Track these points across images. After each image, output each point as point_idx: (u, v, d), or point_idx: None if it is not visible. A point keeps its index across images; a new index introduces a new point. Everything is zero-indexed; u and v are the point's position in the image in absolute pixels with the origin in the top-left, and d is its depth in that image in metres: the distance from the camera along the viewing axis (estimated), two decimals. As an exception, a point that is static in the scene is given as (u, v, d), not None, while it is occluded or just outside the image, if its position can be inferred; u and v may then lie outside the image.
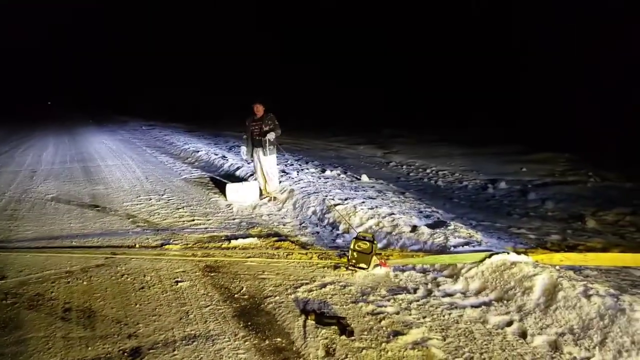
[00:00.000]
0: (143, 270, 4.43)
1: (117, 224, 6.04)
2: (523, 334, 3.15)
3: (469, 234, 4.83)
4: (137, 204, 7.04)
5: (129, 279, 4.23)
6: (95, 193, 7.92)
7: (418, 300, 3.69)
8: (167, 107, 30.99)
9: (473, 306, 3.55)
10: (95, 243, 5.29)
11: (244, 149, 7.50)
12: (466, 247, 4.44)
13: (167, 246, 5.11)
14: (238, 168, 9.39)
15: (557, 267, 3.79)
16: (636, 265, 4.34)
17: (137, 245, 5.16)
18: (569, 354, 2.90)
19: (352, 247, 4.38)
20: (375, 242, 4.44)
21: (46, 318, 3.55)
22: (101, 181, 8.96)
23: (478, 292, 3.77)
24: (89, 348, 3.12)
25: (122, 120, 27.65)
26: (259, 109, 7.14)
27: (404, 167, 10.66)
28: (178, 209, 6.77)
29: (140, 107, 33.56)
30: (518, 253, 4.07)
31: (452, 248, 4.48)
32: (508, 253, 4.01)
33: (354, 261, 4.33)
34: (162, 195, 7.64)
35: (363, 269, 4.26)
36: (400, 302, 3.67)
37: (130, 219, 6.26)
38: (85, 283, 4.17)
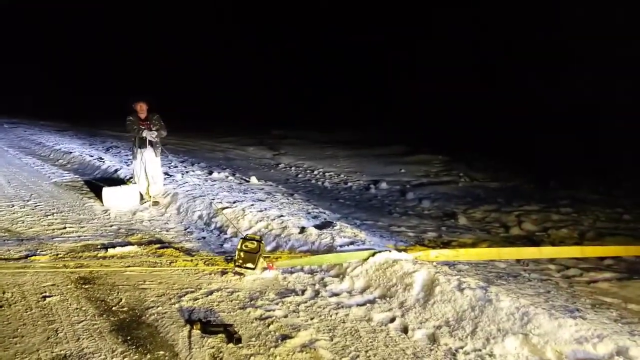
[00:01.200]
0: (2, 286, 3.89)
1: (-32, 236, 5.25)
2: (404, 329, 3.36)
3: (354, 233, 5.07)
4: (-5, 212, 6.20)
5: (-18, 299, 3.69)
6: (-62, 200, 6.79)
7: (306, 302, 3.77)
8: (34, 103, 27.68)
9: (359, 304, 3.72)
10: (-62, 259, 4.54)
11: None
12: (351, 247, 4.65)
13: (33, 257, 4.57)
14: (116, 170, 8.73)
15: (434, 263, 4.14)
16: (500, 258, 4.92)
17: (-6, 259, 4.54)
18: (445, 345, 3.16)
19: (239, 247, 4.34)
20: (262, 242, 4.45)
21: None
22: (-53, 186, 7.72)
23: (363, 291, 3.97)
24: None
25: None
26: (143, 108, 6.68)
27: (293, 168, 10.83)
28: (47, 215, 6.10)
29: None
30: (399, 251, 4.38)
31: (339, 248, 4.66)
32: (390, 251, 4.29)
33: (240, 261, 4.28)
34: (28, 201, 6.82)
35: (250, 268, 4.23)
36: (289, 304, 3.71)
37: (-14, 230, 5.49)
38: None
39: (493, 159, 11.09)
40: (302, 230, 5.16)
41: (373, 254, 4.25)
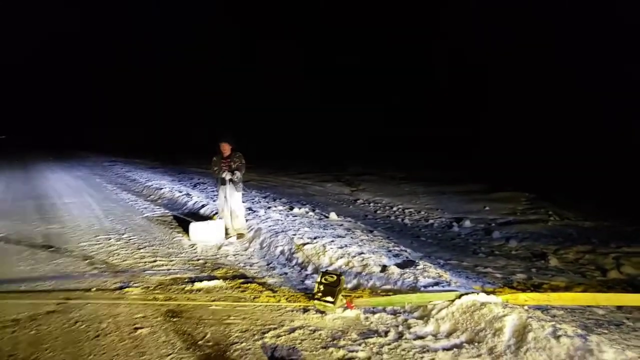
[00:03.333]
0: (99, 316, 4.15)
1: (72, 266, 5.70)
2: (496, 377, 3.10)
3: (438, 273, 4.83)
4: (95, 244, 6.71)
5: (82, 327, 3.94)
6: (49, 232, 7.50)
7: (389, 344, 3.60)
8: (128, 144, 30.35)
9: (445, 349, 3.49)
10: (47, 287, 4.94)
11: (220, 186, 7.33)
12: (436, 287, 4.43)
13: (126, 289, 4.84)
14: (203, 206, 9.17)
15: (526, 308, 3.81)
16: (597, 304, 4.43)
17: (93, 289, 4.86)
18: (542, 398, 2.86)
19: (318, 279, 4.31)
20: (342, 276, 4.38)
21: (-13, 373, 3.24)
22: (56, 220, 8.52)
23: (449, 334, 3.72)
24: (35, 407, 2.85)
25: (83, 156, 26.82)
26: (226, 148, 7.13)
27: (371, 204, 10.73)
28: (139, 249, 6.49)
29: (101, 143, 32.73)
30: (487, 293, 4.08)
31: (422, 288, 4.45)
32: (477, 293, 4.01)
33: (320, 294, 4.23)
34: (123, 234, 7.33)
35: (329, 302, 4.15)
36: (372, 346, 3.57)
37: (87, 261, 5.93)
38: (32, 332, 3.85)
39: (583, 197, 10.25)
40: (384, 268, 5.01)
41: (459, 296, 4.00)
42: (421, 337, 3.71)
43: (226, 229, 7.11)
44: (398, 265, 5.09)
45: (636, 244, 6.74)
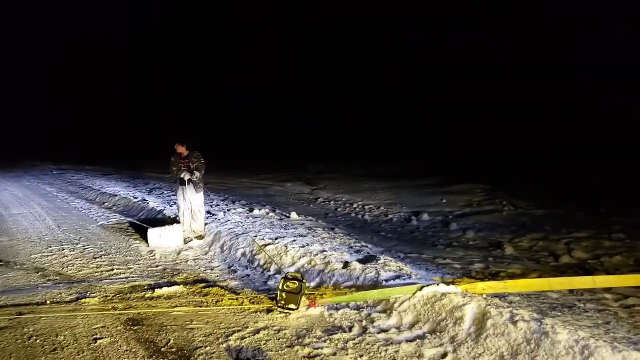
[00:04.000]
0: (55, 329, 3.99)
1: (24, 280, 5.44)
2: (458, 365, 3.21)
3: (399, 267, 4.94)
4: (48, 256, 6.43)
5: (38, 342, 3.77)
6: (-4, 246, 7.13)
7: (354, 339, 3.66)
8: (79, 150, 29.09)
9: (408, 340, 3.58)
10: (-3, 303, 4.71)
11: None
12: (397, 281, 4.53)
13: (83, 300, 4.67)
14: (160, 211, 8.96)
15: (484, 296, 3.97)
16: (551, 289, 4.67)
17: (47, 302, 4.65)
18: (501, 381, 2.99)
19: (280, 287, 4.30)
20: (304, 281, 4.39)
21: None
22: (4, 232, 8.08)
23: (412, 326, 3.83)
24: None
25: (30, 164, 25.52)
26: (181, 149, 6.96)
27: (332, 202, 10.82)
28: (95, 258, 6.28)
29: (48, 150, 31.21)
30: (447, 284, 4.22)
31: (384, 282, 4.55)
32: (438, 285, 4.14)
33: (282, 302, 4.23)
34: (77, 244, 7.06)
35: (292, 309, 4.18)
36: (337, 342, 3.61)
37: (40, 273, 5.68)
38: (-16, 351, 3.66)
39: (536, 186, 10.73)
40: (346, 265, 5.09)
41: (420, 288, 4.12)
42: (385, 331, 3.79)
43: (185, 233, 6.98)
44: (360, 261, 5.18)
45: (586, 229, 7.11)
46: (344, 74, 27.37)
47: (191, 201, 7.01)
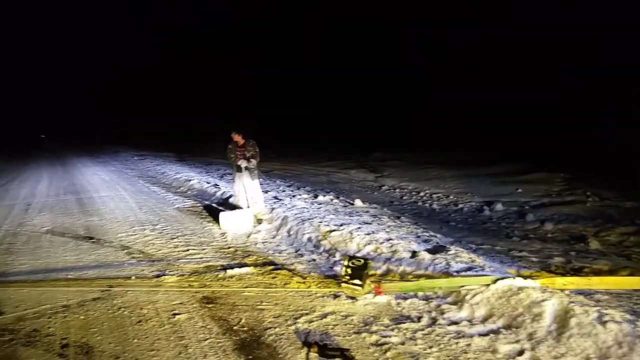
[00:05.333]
0: (140, 303, 4.30)
1: (112, 256, 5.90)
2: (537, 363, 3.04)
3: (471, 258, 4.77)
4: (132, 235, 6.91)
5: (125, 313, 4.09)
6: (89, 225, 7.77)
7: (423, 329, 3.59)
8: (156, 137, 30.89)
9: (481, 334, 3.46)
10: (91, 276, 5.15)
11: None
12: (469, 272, 4.38)
13: (163, 277, 4.98)
14: (231, 196, 9.28)
15: (567, 292, 3.72)
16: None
17: (133, 277, 5.02)
18: (586, 383, 2.80)
19: (345, 263, 4.35)
20: (369, 261, 4.40)
21: (43, 355, 3.42)
22: (95, 212, 8.82)
23: (485, 320, 3.69)
24: (84, 389, 2.99)
25: (114, 151, 27.53)
26: (237, 137, 7.48)
27: (397, 190, 10.65)
28: (172, 238, 6.66)
29: (129, 138, 33.49)
30: (524, 277, 4.01)
31: (455, 273, 4.41)
32: (514, 278, 3.95)
33: (347, 277, 4.26)
34: (156, 225, 7.52)
35: (357, 285, 4.18)
36: (405, 331, 3.57)
37: (125, 251, 6.13)
38: (82, 317, 4.03)
39: (624, 175, 9.86)
40: (414, 254, 4.99)
41: (495, 281, 3.95)
42: (455, 323, 3.69)
43: (255, 217, 7.25)
44: (428, 251, 5.06)
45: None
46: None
47: (248, 187, 7.53)
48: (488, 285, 3.92)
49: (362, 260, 4.37)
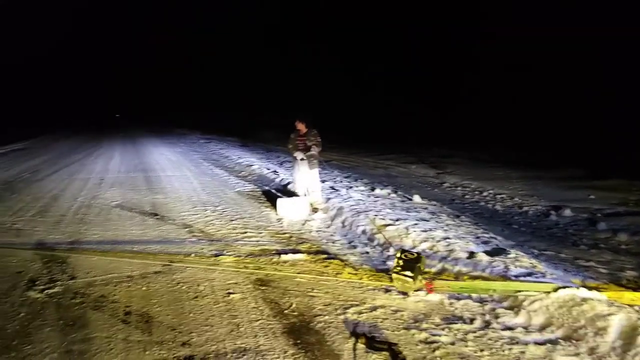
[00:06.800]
0: (197, 279, 4.51)
1: (174, 233, 6.22)
2: (596, 379, 2.88)
3: (532, 263, 4.56)
4: (194, 214, 7.24)
5: (183, 288, 4.31)
6: (155, 202, 8.23)
7: (475, 332, 3.49)
8: (220, 122, 31.92)
9: (537, 343, 3.30)
10: (154, 250, 5.46)
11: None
12: (528, 278, 4.19)
13: (220, 257, 5.19)
14: (289, 183, 9.46)
15: (636, 308, 3.46)
16: None
17: (192, 255, 5.28)
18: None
19: (398, 255, 4.30)
20: (422, 256, 4.33)
21: (109, 319, 3.70)
22: (161, 191, 9.32)
23: (542, 328, 3.51)
24: (146, 352, 3.21)
25: (182, 133, 28.85)
26: (301, 126, 7.65)
27: (459, 188, 10.33)
28: (231, 220, 6.89)
29: (196, 122, 34.96)
30: (588, 288, 3.77)
31: (513, 278, 4.24)
32: (577, 288, 3.73)
33: (399, 269, 4.21)
34: (217, 206, 7.82)
35: (408, 276, 4.12)
36: (456, 332, 3.48)
37: (187, 229, 6.43)
38: (144, 288, 4.30)
39: None
40: (471, 255, 4.84)
41: (556, 289, 3.75)
42: (510, 328, 3.55)
43: (311, 206, 7.35)
44: (487, 253, 4.89)
45: None
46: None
47: (306, 176, 7.66)
48: (548, 292, 3.73)
49: (416, 254, 4.30)
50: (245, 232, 6.27)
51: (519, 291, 3.91)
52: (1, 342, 3.37)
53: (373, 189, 8.95)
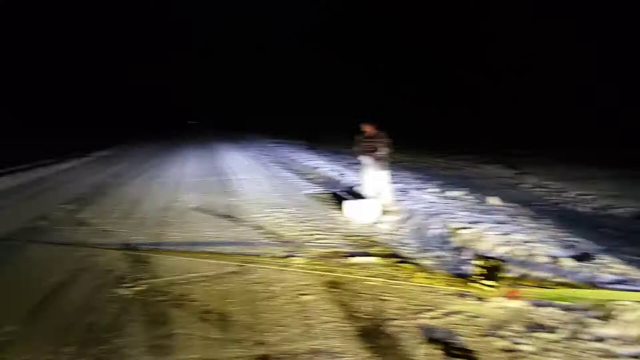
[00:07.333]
0: (270, 280, 4.63)
1: (247, 234, 6.43)
2: None
3: (624, 270, 4.20)
4: (265, 216, 7.44)
5: (257, 288, 4.44)
6: (228, 204, 8.56)
7: (560, 342, 3.27)
8: (288, 127, 32.55)
9: (633, 357, 3.03)
10: (229, 251, 5.68)
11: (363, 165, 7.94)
12: (620, 286, 3.86)
13: (291, 258, 5.28)
14: (357, 185, 9.44)
15: None
16: None
17: (264, 256, 5.42)
18: None
19: (477, 262, 4.13)
20: (503, 262, 4.12)
21: (189, 317, 3.89)
22: (234, 193, 9.68)
23: (638, 341, 3.22)
24: (224, 350, 3.34)
25: (252, 138, 29.82)
26: (368, 128, 7.73)
27: (538, 189, 9.75)
28: (301, 222, 7.00)
29: (264, 127, 36.00)
30: (693, 298, 3.41)
31: (602, 285, 3.92)
32: (680, 297, 3.38)
33: (478, 277, 4.06)
34: (287, 208, 7.98)
35: (489, 286, 3.95)
36: (539, 341, 3.29)
37: (259, 230, 6.62)
38: (220, 288, 4.48)
39: None
40: (554, 259, 4.55)
41: (654, 299, 3.42)
42: (600, 340, 3.29)
43: (380, 208, 7.28)
44: (572, 258, 4.57)
45: None
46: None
47: (375, 178, 7.66)
48: (646, 303, 3.41)
49: (496, 261, 4.12)
50: (315, 234, 6.33)
51: (611, 300, 3.61)
52: (96, 335, 3.65)
53: (446, 191, 8.69)
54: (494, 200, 7.78)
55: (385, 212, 7.22)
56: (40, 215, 8.09)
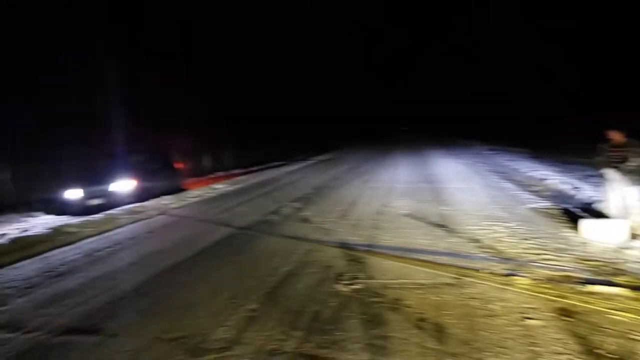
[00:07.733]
0: (489, 297, 4.36)
1: (462, 246, 6.19)
2: None
3: None
4: (481, 229, 7.05)
5: (474, 303, 4.24)
6: (442, 213, 8.41)
7: None
8: (503, 132, 30.10)
9: None
10: (443, 261, 5.57)
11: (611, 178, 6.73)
12: None
13: (514, 277, 4.86)
14: (597, 201, 8.10)
15: None
16: None
17: (482, 271, 5.13)
18: None
19: None
20: None
21: (404, 322, 3.96)
22: (447, 202, 9.47)
23: None
24: (441, 362, 3.28)
25: (465, 144, 28.77)
26: (616, 135, 6.63)
27: None
28: (524, 239, 6.38)
29: (478, 132, 34.10)
30: None
31: None
32: None
33: None
34: (507, 222, 7.39)
35: None
36: None
37: (474, 243, 6.31)
38: (435, 298, 4.43)
39: None
40: None
41: None
42: None
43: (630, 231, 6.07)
44: None
45: None
46: None
47: (624, 194, 6.47)
48: None
49: None
50: (542, 254, 5.68)
51: None
52: (319, 325, 4.02)
53: None
54: None
55: (635, 236, 5.99)
56: (272, 211, 9.46)
